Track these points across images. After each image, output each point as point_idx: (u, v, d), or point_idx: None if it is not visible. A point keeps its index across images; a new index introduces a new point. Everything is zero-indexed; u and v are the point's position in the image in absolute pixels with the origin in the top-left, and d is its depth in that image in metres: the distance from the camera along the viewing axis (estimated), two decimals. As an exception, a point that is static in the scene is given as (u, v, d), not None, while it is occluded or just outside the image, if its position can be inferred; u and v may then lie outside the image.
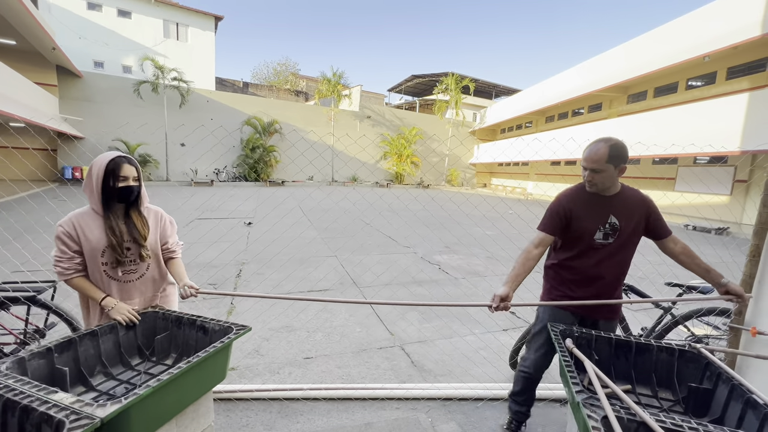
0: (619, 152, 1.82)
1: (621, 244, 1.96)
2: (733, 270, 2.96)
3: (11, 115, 11.00)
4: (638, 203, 1.95)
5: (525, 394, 2.22)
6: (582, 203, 1.96)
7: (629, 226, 1.93)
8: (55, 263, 1.73)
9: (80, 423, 1.04)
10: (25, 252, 3.65)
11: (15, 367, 1.35)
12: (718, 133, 11.96)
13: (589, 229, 1.95)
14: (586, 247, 1.97)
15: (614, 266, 2.00)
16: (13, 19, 13.08)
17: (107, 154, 1.74)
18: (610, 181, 1.87)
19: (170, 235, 2.01)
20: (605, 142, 1.83)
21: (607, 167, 1.82)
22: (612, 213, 1.92)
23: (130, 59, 24.36)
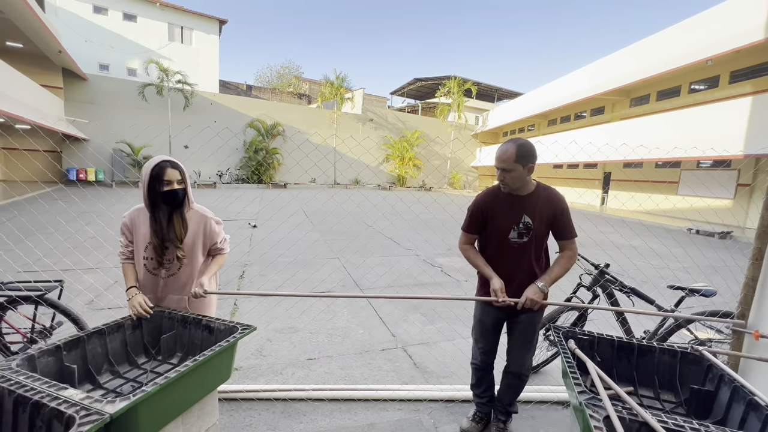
0: (526, 152, 1.85)
1: (534, 242, 1.99)
2: (735, 273, 2.96)
3: (18, 117, 11.12)
4: (550, 202, 1.97)
5: (481, 386, 2.26)
6: (497, 203, 2.02)
7: (541, 224, 1.97)
8: (119, 250, 1.98)
9: (90, 418, 1.06)
10: (37, 251, 3.68)
11: (25, 364, 1.38)
12: (721, 137, 11.95)
13: (503, 228, 1.99)
14: (501, 246, 2.03)
15: (529, 263, 2.03)
16: (20, 22, 13.24)
17: (154, 158, 1.84)
18: (520, 181, 1.90)
19: (218, 234, 2.05)
20: (513, 143, 1.87)
21: (515, 167, 1.86)
22: (525, 213, 1.96)
23: (135, 62, 24.58)
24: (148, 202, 1.84)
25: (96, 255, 5.28)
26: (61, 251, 5.34)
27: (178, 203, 1.88)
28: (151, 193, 1.82)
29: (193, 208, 1.99)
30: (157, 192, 1.82)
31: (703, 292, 2.65)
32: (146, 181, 1.81)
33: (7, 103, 11.04)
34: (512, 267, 2.03)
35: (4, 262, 4.50)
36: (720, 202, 14.31)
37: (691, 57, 13.75)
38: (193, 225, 1.95)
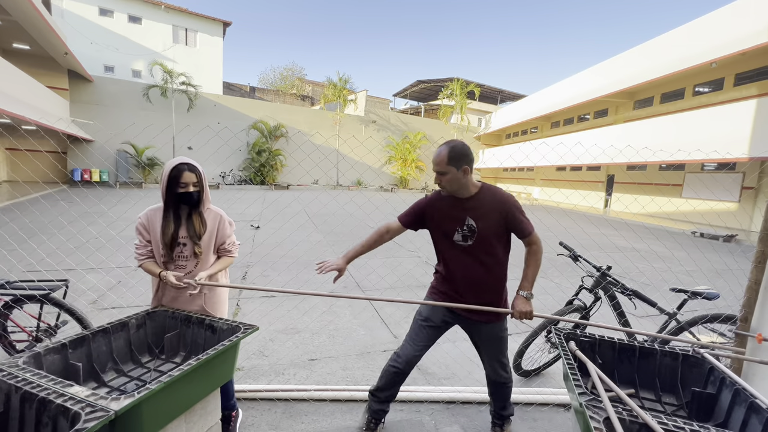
0: (458, 153, 1.83)
1: (482, 245, 1.95)
2: (739, 277, 2.95)
3: (24, 118, 11.22)
4: (496, 203, 1.93)
5: (389, 390, 2.14)
6: (441, 205, 2.00)
7: (487, 226, 1.92)
8: (135, 250, 2.00)
9: (95, 415, 1.08)
10: (40, 251, 3.71)
11: (32, 362, 1.40)
12: (726, 140, 11.89)
13: (447, 231, 1.98)
14: (449, 249, 2.02)
15: (480, 267, 1.98)
16: (27, 24, 13.38)
17: (172, 160, 1.89)
18: (456, 183, 1.88)
19: (228, 235, 2.09)
20: (446, 145, 1.86)
21: (449, 169, 1.84)
22: (468, 215, 1.93)
23: (140, 64, 24.76)
24: (166, 201, 1.92)
25: (98, 255, 5.32)
26: (64, 251, 5.38)
27: (193, 204, 1.93)
28: (168, 193, 1.88)
29: (210, 208, 2.04)
30: (173, 193, 1.88)
31: (705, 295, 2.65)
32: (164, 182, 1.87)
33: (13, 104, 11.15)
34: (461, 270, 2.01)
35: (8, 262, 4.55)
36: (724, 205, 14.22)
37: (695, 59, 13.70)
38: (209, 223, 2.01)
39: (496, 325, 2.07)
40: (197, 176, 1.90)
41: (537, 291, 5.30)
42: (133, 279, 4.81)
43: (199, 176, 1.91)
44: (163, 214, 1.93)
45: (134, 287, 4.43)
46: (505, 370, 2.15)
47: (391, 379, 2.11)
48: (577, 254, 3.07)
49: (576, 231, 10.23)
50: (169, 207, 1.92)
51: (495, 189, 1.97)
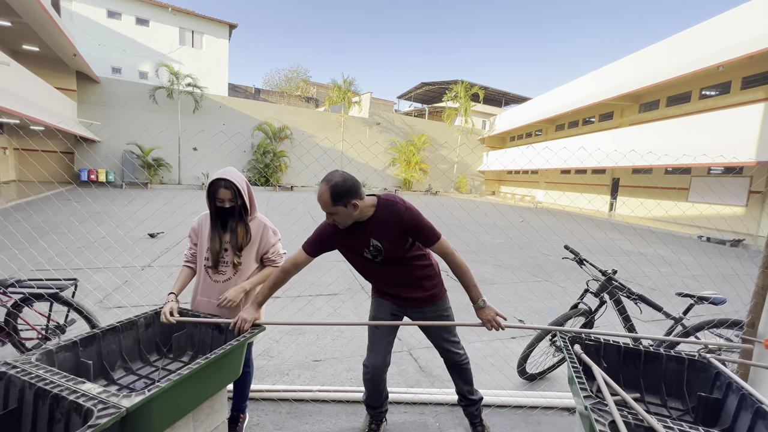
0: (339, 192, 1.70)
1: (392, 260, 1.92)
2: (746, 282, 2.93)
3: (33, 118, 11.37)
4: (392, 221, 1.83)
5: (377, 397, 2.15)
6: (341, 232, 1.91)
7: (391, 243, 1.87)
8: (185, 253, 2.13)
9: (107, 412, 1.10)
10: (50, 250, 3.76)
11: (44, 359, 1.42)
12: (733, 144, 11.80)
13: (355, 252, 1.96)
14: (365, 264, 2.00)
15: (402, 272, 1.98)
16: (36, 26, 13.57)
17: (215, 174, 1.93)
18: (350, 218, 1.79)
19: (272, 244, 2.10)
20: (326, 183, 1.72)
21: (337, 210, 1.74)
22: (371, 237, 1.87)
23: (147, 65, 25.01)
24: (210, 211, 2.00)
25: (106, 255, 5.37)
26: (72, 251, 5.44)
27: (233, 217, 1.98)
28: (210, 205, 1.96)
29: (256, 217, 2.08)
30: (214, 206, 1.95)
31: (712, 300, 2.63)
32: (207, 195, 1.95)
33: (22, 105, 11.30)
34: (386, 278, 2.02)
35: (18, 261, 4.60)
36: (731, 209, 14.11)
37: (702, 62, 13.63)
38: (253, 232, 2.04)
39: (438, 304, 2.11)
40: (233, 192, 1.90)
41: (542, 294, 5.29)
42: (138, 279, 4.85)
43: (236, 191, 1.91)
44: (210, 224, 2.01)
45: (139, 288, 4.47)
46: (456, 347, 2.16)
47: (371, 389, 2.13)
48: (582, 258, 3.07)
49: (582, 235, 10.19)
50: (215, 217, 1.99)
51: (391, 204, 1.85)
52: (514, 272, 6.47)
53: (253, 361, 2.24)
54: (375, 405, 2.18)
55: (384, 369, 2.08)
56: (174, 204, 11.41)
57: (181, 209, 9.92)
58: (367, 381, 2.10)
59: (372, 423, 2.22)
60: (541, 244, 8.77)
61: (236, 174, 1.95)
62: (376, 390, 2.12)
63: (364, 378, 2.12)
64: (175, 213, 9.29)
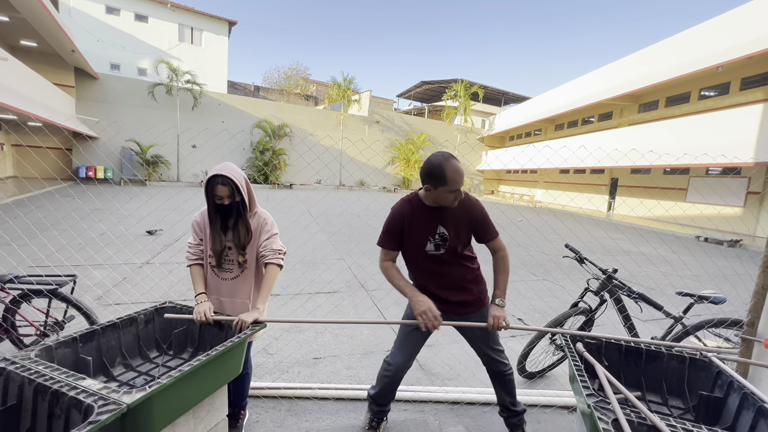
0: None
1: (453, 253, 1.94)
2: (746, 282, 2.94)
3: (31, 114, 11.30)
4: (466, 210, 1.92)
5: (387, 396, 2.15)
6: (413, 215, 1.92)
7: (457, 233, 1.91)
8: (187, 249, 2.03)
9: (108, 408, 1.09)
10: (50, 246, 3.74)
11: (43, 355, 1.41)
12: (732, 144, 11.83)
13: (419, 242, 1.93)
14: (420, 257, 1.97)
15: (457, 271, 1.99)
16: (35, 21, 13.48)
17: (213, 170, 1.85)
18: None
19: (266, 239, 1.98)
20: (456, 159, 1.82)
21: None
22: (440, 223, 1.90)
23: (146, 62, 24.90)
24: (209, 209, 1.92)
25: (106, 252, 5.35)
26: (72, 247, 5.42)
27: (232, 214, 1.92)
28: (209, 202, 1.90)
29: (256, 212, 2.00)
30: (212, 203, 1.89)
31: (712, 300, 2.64)
32: (204, 192, 1.88)
33: (20, 101, 11.23)
34: (440, 277, 1.99)
35: (17, 257, 4.58)
36: (730, 209, 14.14)
37: (701, 63, 13.64)
38: (252, 227, 1.98)
39: (483, 311, 2.07)
40: (231, 188, 1.83)
41: (542, 293, 5.29)
42: (138, 276, 4.84)
43: (234, 188, 1.83)
44: (210, 222, 1.94)
45: (139, 284, 4.45)
46: (500, 356, 2.12)
47: (386, 386, 2.12)
48: (582, 257, 3.07)
49: (582, 233, 10.20)
50: (215, 215, 1.92)
51: (465, 195, 1.92)
52: (513, 271, 6.47)
53: (251, 360, 2.21)
54: (382, 402, 2.16)
55: (406, 370, 2.08)
56: (174, 201, 11.38)
57: (180, 207, 9.89)
58: (385, 378, 2.08)
59: (373, 420, 2.20)
60: (540, 243, 8.78)
61: (234, 169, 1.87)
62: (390, 389, 2.11)
63: (382, 374, 2.10)
64: (175, 210, 9.26)
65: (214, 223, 1.94)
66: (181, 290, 4.34)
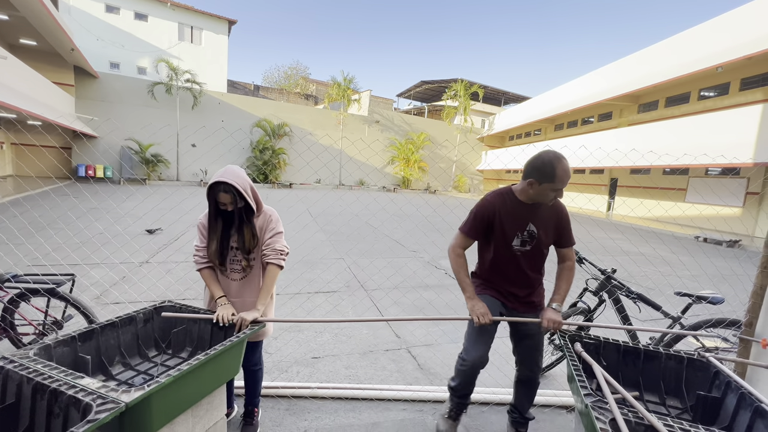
0: None
1: (537, 251, 2.00)
2: (744, 282, 2.94)
3: (30, 113, 11.29)
4: (556, 211, 1.99)
5: (466, 388, 2.16)
6: (505, 208, 1.97)
7: (545, 233, 1.98)
8: (194, 252, 1.96)
9: (106, 407, 1.09)
10: (47, 245, 3.74)
11: (42, 353, 1.41)
12: (731, 145, 11.84)
13: (508, 236, 1.97)
14: (504, 252, 2.00)
15: (532, 271, 2.04)
16: (34, 20, 13.46)
17: (214, 176, 1.80)
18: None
19: (270, 237, 1.94)
20: (566, 159, 1.86)
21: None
22: (531, 221, 1.96)
23: (145, 61, 24.88)
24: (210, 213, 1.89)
25: (103, 251, 5.35)
26: (69, 246, 5.42)
27: (234, 220, 1.89)
28: (211, 208, 1.87)
29: (263, 211, 1.98)
30: (215, 208, 1.86)
31: (710, 300, 2.64)
32: (207, 197, 1.84)
33: (20, 99, 11.22)
34: (513, 275, 2.03)
35: (14, 256, 4.58)
36: (729, 210, 14.16)
37: (701, 63, 13.66)
38: (257, 227, 1.96)
39: (539, 314, 2.08)
40: (233, 195, 1.78)
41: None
42: (136, 275, 4.84)
43: (236, 194, 1.78)
44: (209, 227, 1.90)
45: (137, 284, 4.45)
46: (540, 363, 2.17)
47: (464, 379, 2.15)
48: (581, 256, 3.07)
49: (581, 233, 10.19)
50: (215, 221, 1.89)
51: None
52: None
53: (262, 357, 2.23)
54: (465, 393, 2.18)
55: (482, 364, 2.10)
56: (172, 200, 11.38)
57: (177, 206, 9.88)
58: (463, 372, 2.11)
59: (453, 410, 2.20)
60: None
61: (237, 174, 1.80)
62: (469, 381, 2.14)
63: (459, 369, 2.13)
64: (173, 209, 9.26)
65: (213, 229, 1.90)
66: (179, 290, 4.34)
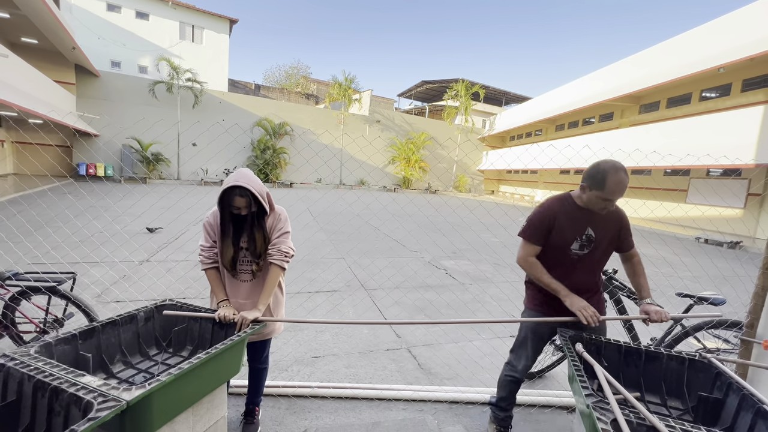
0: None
1: (595, 255, 2.00)
2: (746, 283, 2.94)
3: (31, 111, 11.29)
4: (614, 217, 1.99)
5: (511, 398, 2.22)
6: (564, 213, 1.97)
7: (605, 238, 1.98)
8: (200, 252, 1.96)
9: (107, 405, 1.09)
10: (45, 244, 3.74)
11: (43, 351, 1.41)
12: (732, 146, 11.82)
13: (566, 240, 1.96)
14: (562, 257, 1.99)
15: (589, 275, 2.04)
16: (35, 18, 13.46)
17: (227, 181, 1.78)
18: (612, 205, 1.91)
19: (277, 237, 1.95)
20: (626, 172, 1.80)
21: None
22: (589, 225, 1.95)
23: (146, 60, 24.88)
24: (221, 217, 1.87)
25: (103, 250, 5.35)
26: (69, 245, 5.42)
27: (247, 223, 1.89)
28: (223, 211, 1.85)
29: (275, 210, 1.98)
30: (228, 212, 1.84)
31: (711, 301, 2.64)
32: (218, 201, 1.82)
33: (21, 97, 11.22)
34: (571, 279, 1.99)
35: (14, 254, 4.58)
36: (730, 211, 14.14)
37: (702, 64, 13.63)
38: (267, 227, 1.95)
39: (604, 328, 2.08)
40: (249, 200, 1.78)
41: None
42: (136, 274, 4.84)
43: (250, 198, 1.78)
44: (222, 232, 1.88)
45: (137, 283, 4.45)
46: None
47: (510, 389, 2.18)
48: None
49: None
50: (228, 224, 1.87)
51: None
52: (513, 270, 6.47)
53: (269, 356, 2.25)
54: (506, 406, 2.21)
55: (528, 371, 2.14)
56: (172, 199, 11.38)
57: (178, 204, 9.89)
58: (510, 383, 2.14)
59: (499, 429, 2.23)
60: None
61: (250, 178, 1.80)
62: (515, 390, 2.18)
63: (505, 380, 2.16)
64: (172, 208, 9.26)
65: (227, 234, 1.88)
66: (179, 288, 4.34)
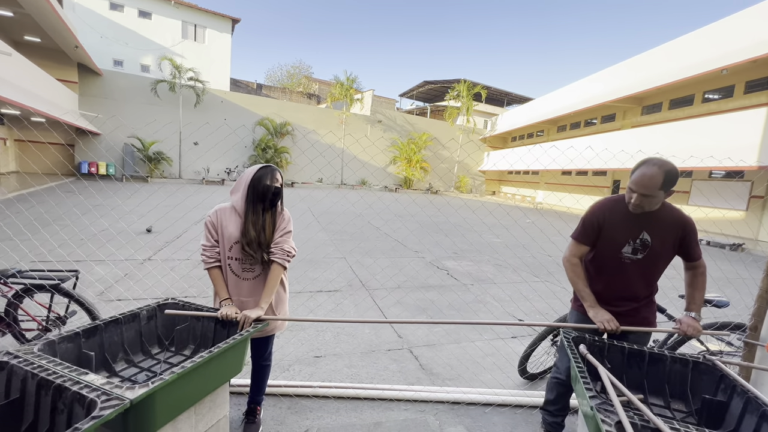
0: (672, 178, 1.72)
1: (650, 261, 1.90)
2: (750, 286, 2.92)
3: (34, 109, 11.33)
4: (675, 223, 1.86)
5: (560, 402, 2.15)
6: (616, 216, 1.89)
7: (661, 244, 1.87)
8: (202, 251, 1.95)
9: (111, 403, 1.09)
10: (51, 241, 3.75)
11: (46, 349, 1.41)
12: (735, 148, 11.79)
13: (617, 242, 1.89)
14: (612, 260, 1.92)
15: (641, 282, 1.94)
16: (38, 17, 13.50)
17: (265, 176, 1.90)
18: (657, 205, 1.80)
19: (280, 236, 1.97)
20: (660, 168, 1.70)
21: (658, 193, 1.72)
22: (645, 229, 1.86)
23: (149, 59, 24.94)
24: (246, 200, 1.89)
25: (107, 248, 5.36)
26: (74, 243, 5.43)
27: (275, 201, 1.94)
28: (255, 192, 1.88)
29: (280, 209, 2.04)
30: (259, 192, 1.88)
31: (715, 303, 2.63)
32: (250, 181, 1.88)
33: (24, 96, 11.26)
34: (620, 284, 1.93)
35: (19, 251, 4.59)
36: (733, 213, 14.10)
37: (705, 66, 13.60)
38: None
39: (646, 336, 2.03)
40: (282, 180, 1.97)
41: (545, 293, 5.25)
42: (140, 272, 4.84)
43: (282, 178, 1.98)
44: (244, 214, 1.90)
45: (141, 280, 4.46)
46: None
47: (558, 391, 2.14)
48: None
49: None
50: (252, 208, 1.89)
51: (675, 209, 1.89)
52: (515, 271, 6.46)
53: (272, 354, 2.26)
54: (557, 414, 2.18)
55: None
56: (173, 198, 11.39)
57: (179, 204, 9.90)
58: (556, 385, 2.11)
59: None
60: (544, 244, 8.76)
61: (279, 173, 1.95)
62: (563, 397, 2.14)
63: (551, 382, 2.13)
64: (175, 207, 9.27)
65: (246, 217, 1.89)
66: (182, 287, 4.35)
